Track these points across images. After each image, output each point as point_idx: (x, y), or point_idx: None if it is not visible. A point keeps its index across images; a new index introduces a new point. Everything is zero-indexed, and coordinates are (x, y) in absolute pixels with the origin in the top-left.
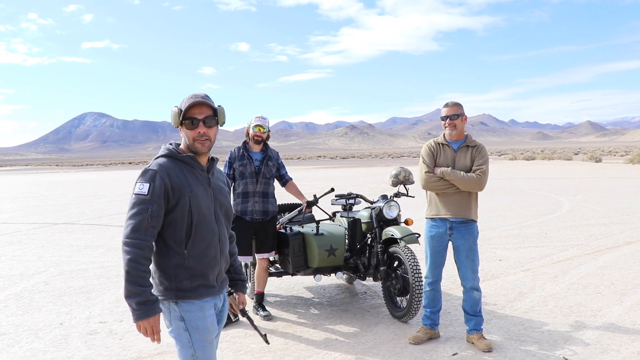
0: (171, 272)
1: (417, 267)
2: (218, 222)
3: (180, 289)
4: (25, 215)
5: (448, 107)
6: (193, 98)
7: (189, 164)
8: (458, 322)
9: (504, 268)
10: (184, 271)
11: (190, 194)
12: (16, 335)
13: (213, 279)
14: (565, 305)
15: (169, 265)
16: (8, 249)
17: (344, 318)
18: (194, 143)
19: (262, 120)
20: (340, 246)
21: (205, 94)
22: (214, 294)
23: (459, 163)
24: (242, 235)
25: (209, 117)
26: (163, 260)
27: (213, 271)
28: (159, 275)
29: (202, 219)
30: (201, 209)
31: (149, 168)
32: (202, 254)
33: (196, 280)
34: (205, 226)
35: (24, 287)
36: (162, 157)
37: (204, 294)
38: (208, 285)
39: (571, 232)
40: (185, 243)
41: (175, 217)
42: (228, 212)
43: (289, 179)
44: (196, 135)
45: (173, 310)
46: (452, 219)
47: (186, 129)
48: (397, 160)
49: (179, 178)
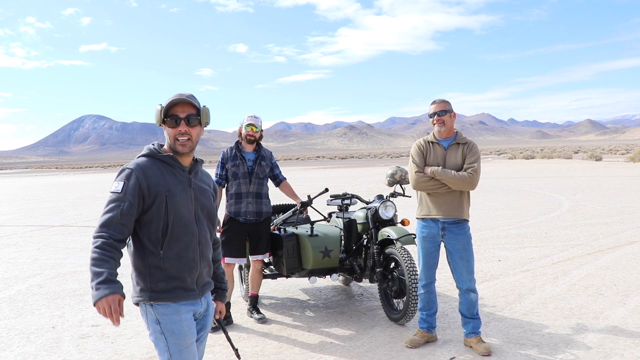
0: (146, 273)
1: (413, 268)
2: (199, 224)
3: (154, 290)
4: (22, 217)
5: (435, 104)
6: (177, 96)
7: (168, 163)
8: (456, 325)
9: (503, 269)
10: (159, 272)
11: (167, 193)
12: (8, 339)
13: (192, 282)
14: (566, 307)
15: (145, 266)
16: (4, 252)
17: (339, 321)
18: (174, 142)
19: (254, 119)
20: (335, 247)
21: (190, 94)
22: (193, 297)
23: (450, 161)
24: (235, 237)
25: (191, 115)
26: (139, 260)
27: (191, 274)
28: (135, 275)
29: (180, 219)
30: (179, 209)
31: (126, 167)
32: (179, 255)
33: (172, 282)
34: (183, 227)
35: (18, 290)
36: (142, 157)
37: (180, 297)
38: (185, 288)
39: (571, 232)
40: (161, 243)
41: (150, 217)
42: (211, 215)
43: (282, 178)
44: (177, 134)
45: (149, 313)
46: (444, 220)
47: (168, 127)
48: (396, 160)
49: (156, 177)
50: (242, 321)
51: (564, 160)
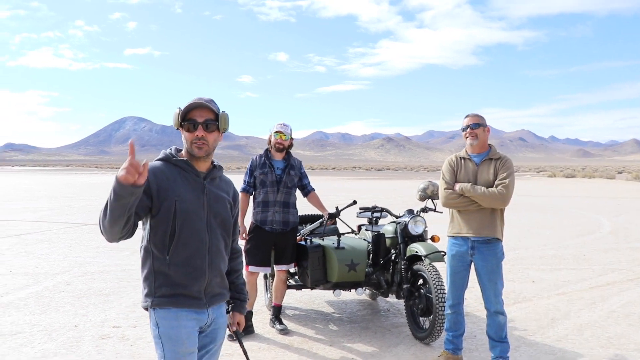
0: (152, 278)
1: (441, 286)
2: (210, 231)
3: (158, 295)
4: (58, 214)
5: (469, 117)
6: (196, 100)
7: (182, 168)
8: (484, 347)
9: (537, 290)
10: (163, 278)
11: (177, 198)
12: (30, 335)
13: (198, 291)
14: (604, 336)
15: (151, 270)
16: (37, 247)
17: (363, 336)
18: (191, 146)
19: (283, 127)
20: (361, 261)
21: (210, 99)
22: (198, 306)
23: (481, 177)
24: (260, 246)
25: (209, 120)
26: (146, 264)
27: (198, 282)
28: (142, 280)
29: (189, 225)
30: (188, 215)
31: None
32: (186, 262)
33: (176, 289)
34: (192, 234)
35: (46, 286)
36: (157, 161)
37: (182, 304)
38: (190, 296)
39: (612, 255)
40: (167, 249)
41: (158, 221)
42: (225, 224)
43: (311, 189)
44: (194, 139)
45: (152, 316)
46: (474, 238)
47: (185, 131)
48: (433, 173)
49: (168, 181)
50: (263, 331)
51: (606, 180)
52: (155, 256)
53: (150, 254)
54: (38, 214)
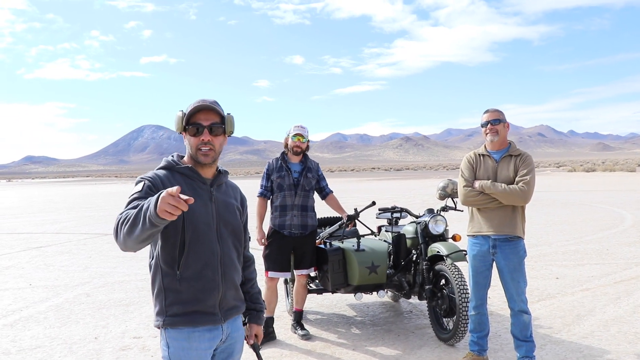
0: (162, 295)
1: (464, 286)
2: (221, 241)
3: (169, 314)
4: (78, 225)
5: (488, 113)
6: (200, 102)
7: (188, 176)
8: (509, 347)
9: (561, 287)
10: (175, 295)
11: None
12: (50, 348)
13: (212, 306)
14: (631, 331)
15: (161, 288)
16: (57, 259)
17: (386, 339)
18: (196, 152)
19: (301, 129)
20: (382, 263)
21: (214, 100)
22: (213, 322)
23: (501, 174)
24: (279, 251)
25: (215, 124)
26: (156, 282)
27: (212, 296)
28: (153, 297)
29: (199, 236)
30: (197, 226)
31: (143, 177)
32: (198, 275)
33: (189, 306)
34: (202, 245)
35: (66, 299)
36: (160, 169)
37: (197, 321)
38: (205, 312)
39: (635, 249)
40: (177, 263)
41: (167, 235)
42: (236, 232)
43: (329, 191)
44: (200, 143)
45: (162, 336)
46: (495, 236)
47: (189, 135)
48: (452, 172)
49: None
50: (285, 337)
51: (627, 173)
52: (165, 272)
53: (159, 271)
54: (58, 225)
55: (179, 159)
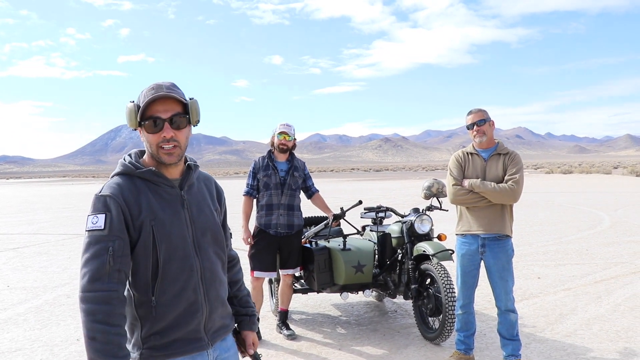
0: (137, 325)
1: (450, 286)
2: (200, 253)
3: (146, 347)
4: (56, 225)
5: (473, 114)
6: (154, 90)
7: (151, 181)
8: (494, 346)
9: (543, 287)
10: (151, 324)
11: (153, 222)
12: (31, 351)
13: (197, 330)
14: (612, 330)
15: (135, 317)
16: (35, 260)
17: (372, 338)
18: (158, 151)
19: (287, 127)
20: (368, 262)
21: (171, 83)
22: (199, 348)
23: (490, 173)
24: (265, 250)
25: (177, 115)
26: (128, 310)
27: (194, 319)
28: (128, 325)
29: (173, 253)
30: (170, 240)
31: (100, 194)
32: (176, 299)
33: (169, 335)
34: (179, 262)
35: (46, 300)
36: (117, 176)
37: (179, 352)
38: (188, 339)
39: (614, 249)
40: (151, 288)
41: (136, 257)
42: (217, 238)
43: (315, 190)
44: (161, 141)
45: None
46: (484, 235)
47: (147, 132)
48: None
49: (137, 203)
50: (270, 337)
51: (603, 175)
52: (138, 300)
53: (131, 299)
54: (35, 226)
55: (138, 160)
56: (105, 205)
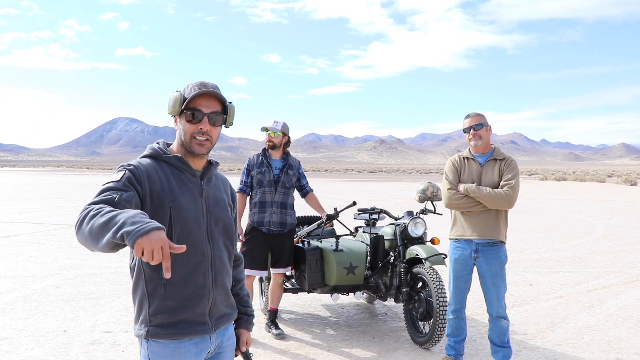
0: (145, 303)
1: (442, 290)
2: (212, 241)
3: (154, 324)
4: (47, 215)
5: (470, 118)
6: (201, 86)
7: (176, 166)
8: (484, 352)
9: (535, 294)
10: (160, 302)
11: (171, 203)
12: (17, 340)
13: (202, 314)
14: (604, 340)
15: (144, 294)
16: (25, 249)
17: (361, 341)
18: (190, 141)
19: (273, 124)
20: (360, 264)
21: (216, 85)
22: (203, 332)
23: (486, 178)
24: (257, 248)
25: (216, 113)
26: (139, 288)
27: (201, 303)
28: (135, 303)
29: (187, 235)
30: (186, 224)
31: (126, 164)
32: (185, 280)
33: (176, 314)
34: (191, 246)
35: (34, 290)
36: (145, 158)
37: (184, 333)
38: (193, 322)
39: (607, 258)
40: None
41: None
42: (228, 230)
43: (309, 190)
44: (196, 132)
45: (143, 347)
46: (478, 241)
47: (185, 121)
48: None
49: (161, 182)
50: (259, 336)
51: (597, 183)
52: (149, 277)
53: (142, 275)
54: (26, 215)
55: (166, 147)
56: (127, 169)
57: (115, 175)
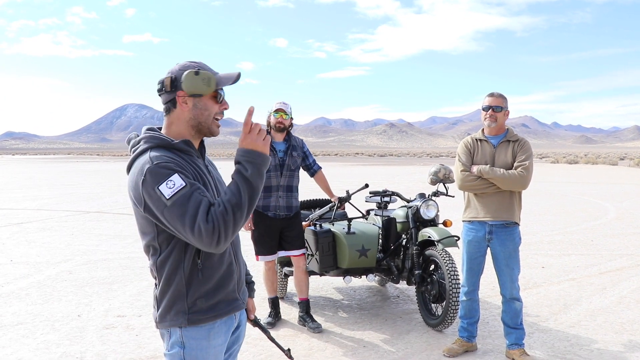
0: (184, 292)
1: (455, 272)
2: None
3: (193, 311)
4: (59, 202)
5: (493, 97)
6: (232, 77)
7: (184, 151)
8: (497, 334)
9: (547, 276)
10: (197, 288)
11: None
12: (33, 325)
13: (233, 290)
14: (617, 322)
15: (182, 283)
16: (38, 236)
17: (374, 323)
18: (211, 122)
19: (283, 105)
20: (372, 247)
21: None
22: (237, 308)
23: (499, 160)
24: (267, 233)
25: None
26: (174, 274)
27: (232, 280)
28: (168, 297)
29: None
30: None
31: (157, 163)
32: (219, 261)
33: (213, 297)
34: None
35: (48, 275)
36: (154, 150)
37: (222, 313)
38: (229, 300)
39: (619, 241)
40: (198, 251)
41: None
42: None
43: (317, 168)
44: (219, 112)
45: (174, 333)
46: (492, 222)
47: (213, 101)
48: (436, 159)
49: (185, 169)
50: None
51: (609, 166)
52: (187, 265)
53: (181, 264)
54: (39, 202)
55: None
56: (170, 168)
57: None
